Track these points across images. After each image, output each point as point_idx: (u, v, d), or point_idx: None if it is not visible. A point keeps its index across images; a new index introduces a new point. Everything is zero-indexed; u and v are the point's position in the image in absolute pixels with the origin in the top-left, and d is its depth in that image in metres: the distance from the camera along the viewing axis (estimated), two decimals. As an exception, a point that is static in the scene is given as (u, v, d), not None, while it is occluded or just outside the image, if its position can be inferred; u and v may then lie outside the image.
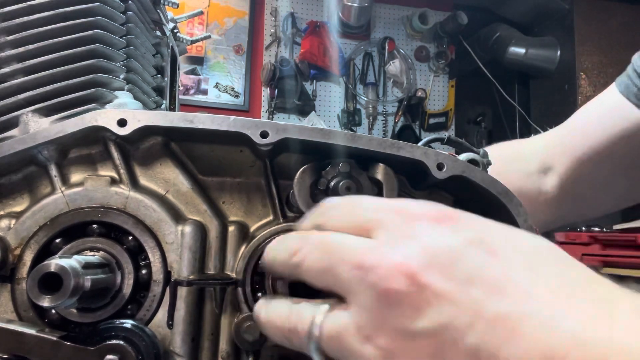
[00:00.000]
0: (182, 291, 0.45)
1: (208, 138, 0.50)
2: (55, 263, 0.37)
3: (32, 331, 0.40)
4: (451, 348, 0.30)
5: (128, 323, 0.41)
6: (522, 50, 3.39)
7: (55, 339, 0.39)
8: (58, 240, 0.45)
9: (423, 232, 0.33)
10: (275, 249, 0.40)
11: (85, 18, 0.52)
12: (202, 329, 0.46)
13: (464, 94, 3.78)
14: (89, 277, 0.39)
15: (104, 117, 0.46)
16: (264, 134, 0.45)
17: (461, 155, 0.53)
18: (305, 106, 3.39)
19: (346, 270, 0.33)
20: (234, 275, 0.47)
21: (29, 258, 0.44)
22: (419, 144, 0.66)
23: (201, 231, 0.47)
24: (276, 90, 3.35)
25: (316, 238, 0.37)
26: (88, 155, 0.49)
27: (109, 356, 0.39)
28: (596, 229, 2.32)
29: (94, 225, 0.46)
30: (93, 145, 0.49)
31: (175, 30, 0.86)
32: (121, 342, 0.39)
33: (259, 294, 0.46)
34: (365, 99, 3.54)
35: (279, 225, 0.49)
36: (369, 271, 0.32)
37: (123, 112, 0.46)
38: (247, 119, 0.46)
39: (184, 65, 3.24)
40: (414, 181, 0.52)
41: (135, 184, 0.48)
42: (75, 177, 0.48)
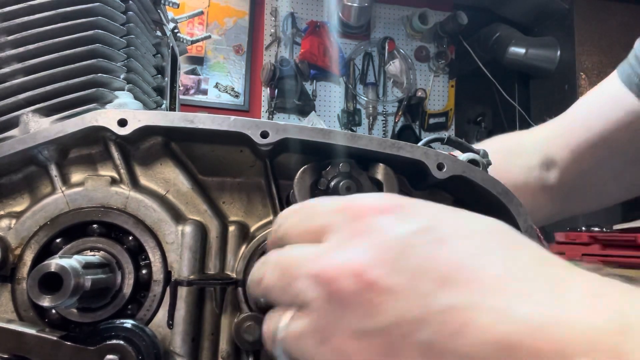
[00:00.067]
0: (183, 291, 0.45)
1: (208, 138, 0.50)
2: (55, 263, 0.37)
3: (33, 331, 0.40)
4: (403, 345, 0.29)
5: (128, 323, 0.41)
6: (522, 50, 3.39)
7: (55, 338, 0.39)
8: (58, 240, 0.45)
9: (370, 227, 0.33)
10: (250, 279, 0.40)
11: (85, 18, 0.52)
12: (202, 329, 0.46)
13: (464, 94, 3.78)
14: (89, 277, 0.39)
15: (104, 117, 0.46)
16: (264, 134, 0.45)
17: (461, 156, 0.53)
18: (305, 106, 3.39)
19: (301, 282, 0.34)
20: (234, 275, 0.47)
21: (29, 258, 0.44)
22: (419, 144, 0.66)
23: (201, 231, 0.47)
24: (276, 90, 3.35)
25: (273, 259, 0.38)
26: (88, 155, 0.49)
27: (109, 356, 0.39)
28: (596, 229, 2.32)
29: (94, 225, 0.46)
30: (93, 145, 0.49)
31: (176, 30, 0.86)
32: (121, 342, 0.39)
33: None
34: (365, 99, 3.54)
35: (279, 225, 0.49)
36: (319, 277, 0.32)
37: (123, 112, 0.46)
38: (248, 119, 0.46)
39: (184, 65, 3.24)
40: (414, 181, 0.52)
41: (135, 184, 0.48)
42: (75, 177, 0.48)
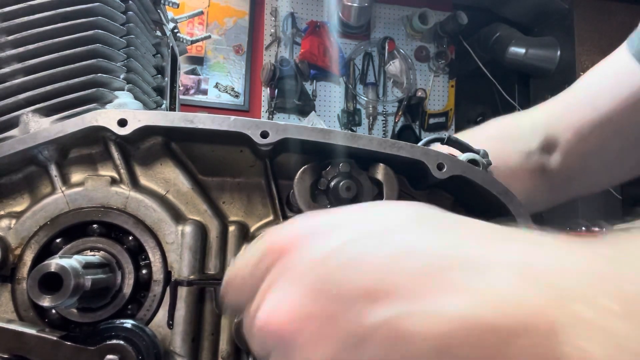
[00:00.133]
0: (183, 291, 0.45)
1: (208, 138, 0.50)
2: (55, 263, 0.37)
3: (33, 331, 0.40)
4: None
5: (128, 323, 0.41)
6: (522, 50, 3.39)
7: (55, 338, 0.39)
8: (58, 240, 0.45)
9: (285, 267, 0.32)
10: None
11: (85, 18, 0.52)
12: (203, 329, 0.46)
13: (464, 94, 3.78)
14: (89, 277, 0.39)
15: (105, 117, 0.46)
16: (264, 134, 0.45)
17: (461, 156, 0.53)
18: (305, 106, 3.39)
19: (254, 340, 0.33)
20: (234, 275, 0.47)
21: (29, 258, 0.44)
22: (419, 144, 0.66)
23: (201, 231, 0.47)
24: (276, 90, 3.35)
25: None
26: (88, 155, 0.49)
27: (109, 356, 0.39)
28: (596, 229, 2.32)
29: (94, 225, 0.46)
30: (93, 145, 0.49)
31: (176, 30, 0.86)
32: (121, 342, 0.39)
33: None
34: (365, 99, 3.54)
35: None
36: (262, 331, 0.31)
37: (123, 112, 0.46)
38: (248, 119, 0.46)
39: (184, 65, 3.24)
40: (414, 181, 0.52)
41: (135, 184, 0.48)
42: (75, 177, 0.48)
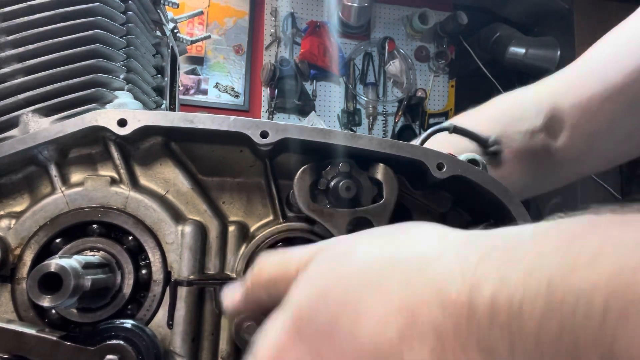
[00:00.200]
0: (182, 291, 0.45)
1: (208, 138, 0.50)
2: (55, 263, 0.37)
3: (32, 331, 0.40)
4: None
5: (128, 323, 0.41)
6: (522, 50, 3.39)
7: (55, 339, 0.39)
8: (58, 240, 0.45)
9: None
10: None
11: (85, 18, 0.52)
12: (202, 328, 0.46)
13: (464, 94, 3.77)
14: (89, 277, 0.39)
15: (104, 117, 0.46)
16: (264, 134, 0.45)
17: (461, 155, 0.53)
18: (305, 106, 3.38)
19: None
20: (234, 275, 0.47)
21: (29, 258, 0.44)
22: (423, 135, 0.66)
23: (201, 231, 0.47)
24: (276, 90, 3.34)
25: None
26: (88, 155, 0.49)
27: (109, 356, 0.39)
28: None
29: (94, 225, 0.46)
30: (93, 145, 0.49)
31: (175, 31, 0.86)
32: (121, 342, 0.39)
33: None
34: (365, 99, 3.53)
35: (279, 225, 0.49)
36: None
37: (123, 112, 0.46)
38: (247, 119, 0.46)
39: (184, 65, 3.24)
40: (414, 181, 0.52)
41: (135, 184, 0.48)
42: (75, 177, 0.48)
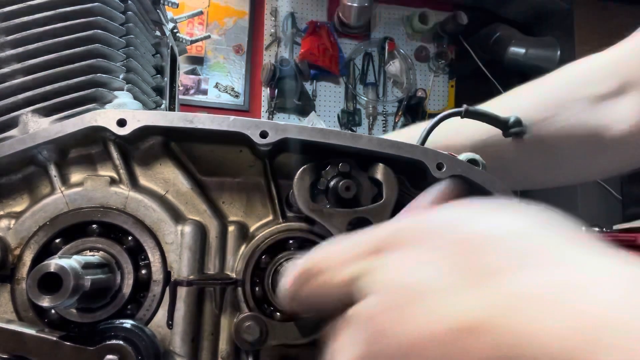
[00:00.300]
0: (182, 291, 0.45)
1: (208, 138, 0.50)
2: (55, 263, 0.37)
3: (32, 331, 0.40)
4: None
5: (128, 323, 0.41)
6: (522, 50, 3.39)
7: (55, 339, 0.39)
8: (58, 240, 0.45)
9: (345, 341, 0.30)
10: None
11: (84, 18, 0.52)
12: (202, 329, 0.46)
13: (464, 94, 3.77)
14: (88, 277, 0.39)
15: (104, 117, 0.46)
16: (264, 134, 0.45)
17: (461, 155, 0.53)
18: (305, 106, 3.39)
19: None
20: (233, 275, 0.47)
21: (28, 258, 0.44)
22: (434, 120, 0.65)
23: (201, 231, 0.47)
24: (276, 90, 3.35)
25: None
26: (88, 155, 0.49)
27: (108, 356, 0.39)
28: (596, 229, 2.32)
29: (94, 225, 0.46)
30: (93, 145, 0.48)
31: (175, 30, 0.86)
32: (121, 342, 0.39)
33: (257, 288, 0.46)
34: (365, 99, 3.54)
35: (279, 225, 0.49)
36: None
37: (123, 112, 0.46)
38: (247, 119, 0.46)
39: (184, 65, 3.24)
40: (414, 181, 0.52)
41: (135, 184, 0.48)
42: (75, 177, 0.48)
